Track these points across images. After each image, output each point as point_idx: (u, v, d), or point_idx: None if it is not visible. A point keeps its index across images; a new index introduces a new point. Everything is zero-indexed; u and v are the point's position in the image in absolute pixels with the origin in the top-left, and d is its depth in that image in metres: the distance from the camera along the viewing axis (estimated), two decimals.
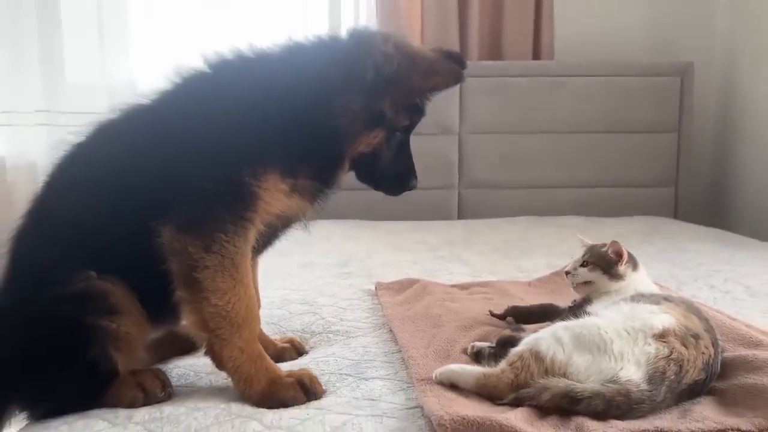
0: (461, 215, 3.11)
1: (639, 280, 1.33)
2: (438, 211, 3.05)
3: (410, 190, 1.31)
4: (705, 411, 0.98)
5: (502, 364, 1.06)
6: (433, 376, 1.08)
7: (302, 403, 1.05)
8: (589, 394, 0.96)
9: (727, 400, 1.02)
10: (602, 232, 2.60)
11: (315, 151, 1.18)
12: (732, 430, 0.92)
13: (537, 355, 1.03)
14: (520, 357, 1.04)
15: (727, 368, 1.09)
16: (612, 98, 3.11)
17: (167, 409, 1.04)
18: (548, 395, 0.98)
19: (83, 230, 1.12)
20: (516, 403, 0.99)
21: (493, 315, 1.46)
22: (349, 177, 1.29)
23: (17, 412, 1.14)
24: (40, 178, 2.95)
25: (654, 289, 1.32)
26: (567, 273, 1.40)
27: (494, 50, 3.19)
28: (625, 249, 1.34)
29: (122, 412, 1.04)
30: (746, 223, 3.00)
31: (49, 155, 2.98)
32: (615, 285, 1.32)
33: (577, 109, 3.11)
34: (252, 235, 1.13)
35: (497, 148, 3.10)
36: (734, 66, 3.21)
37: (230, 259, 1.09)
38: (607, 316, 1.11)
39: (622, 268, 1.33)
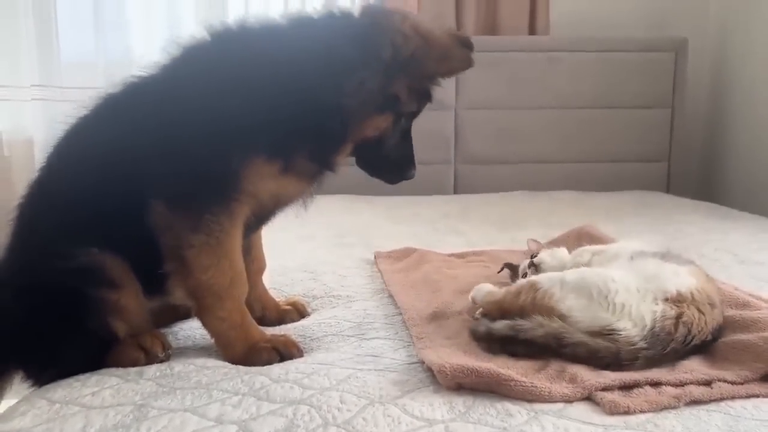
0: (457, 190, 3.14)
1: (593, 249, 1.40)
2: (434, 185, 3.07)
3: (408, 179, 1.28)
4: (693, 365, 1.03)
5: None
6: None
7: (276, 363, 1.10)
8: (575, 341, 1.02)
9: (716, 356, 1.06)
10: (595, 206, 2.65)
11: (317, 131, 1.16)
12: (719, 380, 0.97)
13: (534, 285, 1.13)
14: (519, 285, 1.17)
15: None
16: (607, 73, 3.12)
17: (177, 367, 1.08)
18: (542, 332, 1.04)
19: (84, 205, 1.14)
20: (512, 334, 1.05)
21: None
22: None
23: (22, 380, 1.18)
24: (38, 153, 2.95)
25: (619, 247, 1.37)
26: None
27: (490, 25, 3.19)
28: (535, 245, 1.50)
29: (133, 370, 1.08)
30: (737, 198, 3.04)
31: (47, 130, 2.97)
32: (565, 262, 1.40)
33: (572, 85, 3.12)
34: (239, 214, 1.16)
35: (493, 124, 3.12)
36: (728, 42, 3.23)
37: (215, 237, 1.13)
38: (625, 271, 1.14)
39: (535, 258, 1.42)
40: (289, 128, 1.15)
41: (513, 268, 1.53)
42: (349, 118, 1.17)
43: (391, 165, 1.27)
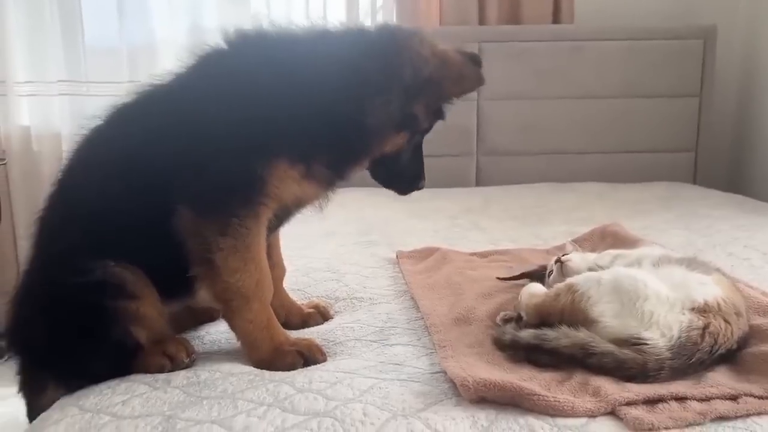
0: (479, 182, 3.12)
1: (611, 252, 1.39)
2: (456, 178, 3.06)
3: (418, 190, 1.36)
4: (719, 377, 1.02)
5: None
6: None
7: (300, 367, 1.13)
8: (602, 351, 1.01)
9: (741, 367, 1.05)
10: (621, 199, 2.61)
11: (338, 143, 1.20)
12: (745, 395, 0.96)
13: (572, 287, 1.13)
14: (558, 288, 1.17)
15: None
16: (632, 62, 3.06)
17: (203, 375, 1.10)
18: (567, 342, 1.04)
19: (101, 216, 1.16)
20: (536, 343, 1.06)
21: (501, 279, 1.52)
22: None
23: (56, 388, 1.21)
24: (65, 147, 3.00)
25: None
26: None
27: (513, 14, 3.14)
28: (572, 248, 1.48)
29: (161, 377, 1.10)
30: (765, 189, 2.98)
31: (74, 124, 3.01)
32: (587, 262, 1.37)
33: (596, 74, 3.07)
34: (264, 217, 1.19)
35: (516, 115, 3.08)
36: (758, 30, 3.14)
37: (242, 240, 1.15)
38: (657, 276, 1.13)
39: (564, 257, 1.39)
40: (311, 137, 1.18)
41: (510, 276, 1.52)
42: (370, 136, 1.22)
43: (403, 178, 1.34)
